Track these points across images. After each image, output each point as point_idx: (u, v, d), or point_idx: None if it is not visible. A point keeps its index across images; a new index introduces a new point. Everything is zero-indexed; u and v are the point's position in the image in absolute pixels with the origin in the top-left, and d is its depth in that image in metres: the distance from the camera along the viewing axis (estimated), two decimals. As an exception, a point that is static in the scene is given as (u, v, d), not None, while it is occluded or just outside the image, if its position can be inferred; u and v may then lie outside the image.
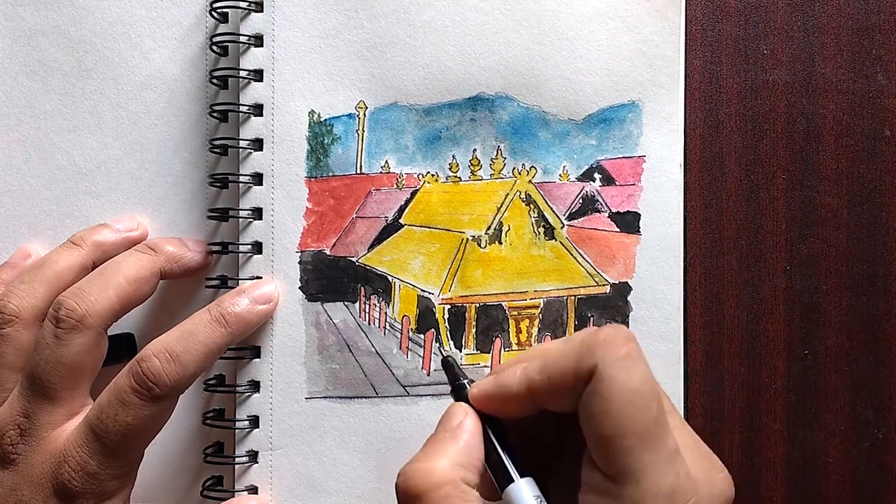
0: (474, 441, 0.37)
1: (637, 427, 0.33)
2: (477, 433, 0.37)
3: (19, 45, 0.47)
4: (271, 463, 0.45)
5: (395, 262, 0.46)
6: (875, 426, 0.47)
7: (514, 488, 0.36)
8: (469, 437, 0.37)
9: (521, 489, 0.36)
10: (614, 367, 0.33)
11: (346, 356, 0.46)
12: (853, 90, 0.47)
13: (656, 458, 0.33)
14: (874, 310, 0.47)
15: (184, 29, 0.47)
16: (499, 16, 0.46)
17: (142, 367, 0.40)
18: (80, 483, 0.39)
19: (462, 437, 0.37)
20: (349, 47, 0.46)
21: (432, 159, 0.46)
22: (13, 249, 0.47)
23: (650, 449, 0.33)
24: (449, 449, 0.36)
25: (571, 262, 0.46)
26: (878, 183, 0.47)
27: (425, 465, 0.35)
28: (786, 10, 0.47)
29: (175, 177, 0.47)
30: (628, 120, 0.46)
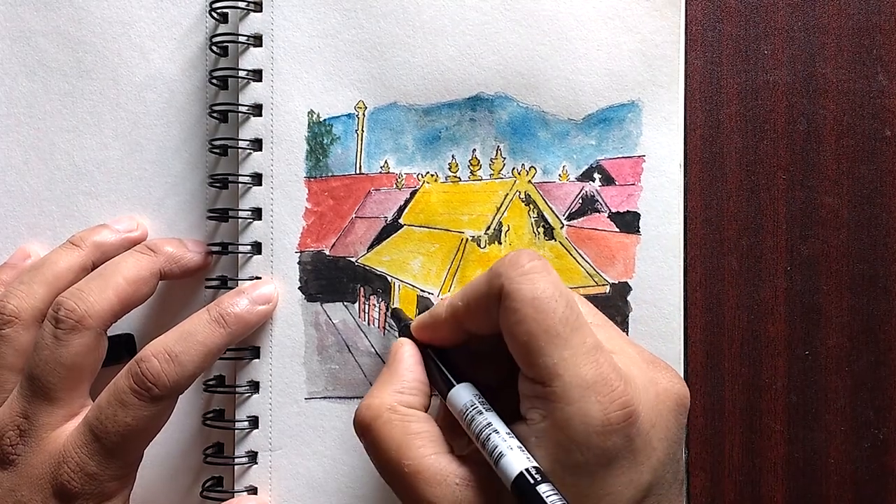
0: (410, 366, 0.40)
1: (545, 327, 0.35)
2: (412, 359, 0.40)
3: (19, 45, 0.47)
4: (271, 463, 0.45)
5: (395, 262, 0.46)
6: (875, 426, 0.47)
7: (451, 395, 0.38)
8: (405, 363, 0.40)
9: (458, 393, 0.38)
10: (516, 282, 0.36)
11: (346, 356, 0.46)
12: (854, 90, 0.47)
13: (572, 353, 0.35)
14: (874, 310, 0.47)
15: (183, 29, 0.47)
16: (498, 16, 0.46)
17: (141, 368, 0.40)
18: (80, 484, 0.39)
19: (399, 366, 0.40)
20: (348, 47, 0.46)
21: (432, 159, 0.46)
22: (13, 250, 0.47)
23: (563, 346, 0.35)
24: (386, 381, 0.39)
25: (571, 262, 0.46)
26: (878, 183, 0.47)
27: (367, 401, 0.38)
28: (786, 10, 0.47)
29: (175, 177, 0.47)
30: (628, 120, 0.46)
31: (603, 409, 0.35)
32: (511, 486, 0.35)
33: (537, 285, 0.36)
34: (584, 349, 0.35)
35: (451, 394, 0.38)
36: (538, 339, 0.35)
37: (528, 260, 0.37)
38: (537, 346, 0.35)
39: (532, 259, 0.37)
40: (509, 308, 0.36)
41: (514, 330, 0.36)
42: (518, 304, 0.36)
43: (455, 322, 0.39)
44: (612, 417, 0.35)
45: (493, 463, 0.35)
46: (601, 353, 0.36)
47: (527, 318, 0.35)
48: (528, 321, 0.35)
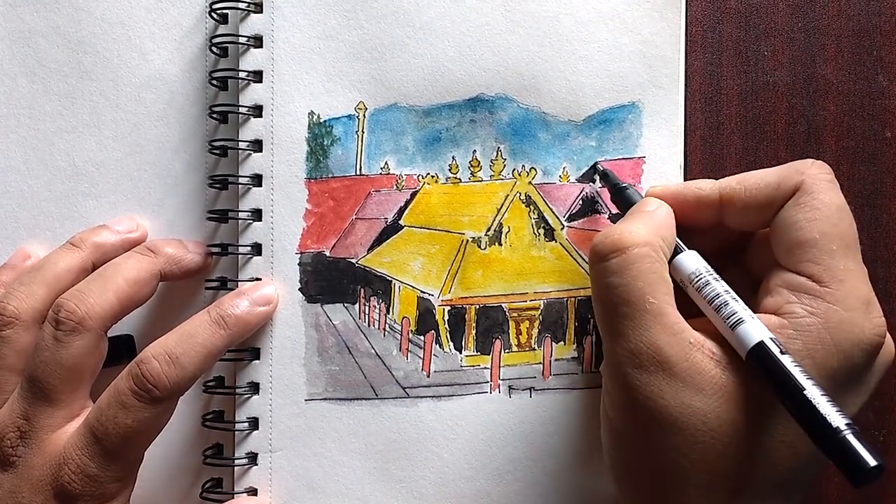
0: (669, 222, 0.40)
1: (844, 234, 0.37)
2: (671, 217, 0.40)
3: (19, 46, 0.47)
4: (271, 465, 0.45)
5: (395, 263, 0.46)
6: (875, 428, 0.47)
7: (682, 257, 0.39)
8: (666, 217, 0.40)
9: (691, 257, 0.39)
10: (822, 184, 0.38)
11: (346, 358, 0.46)
12: (854, 92, 0.47)
13: (856, 268, 0.37)
14: (875, 311, 0.47)
15: (183, 30, 0.47)
16: (499, 17, 0.46)
17: (141, 370, 0.40)
18: (80, 485, 0.39)
19: (658, 215, 0.40)
20: (349, 48, 0.46)
21: (432, 160, 0.46)
22: (12, 250, 0.47)
23: (852, 258, 0.37)
24: (647, 220, 0.39)
25: (571, 263, 0.46)
26: (878, 184, 0.47)
27: (629, 226, 0.38)
28: (786, 11, 0.47)
29: (174, 178, 0.47)
30: (628, 121, 0.46)
31: (871, 328, 0.36)
32: (748, 353, 0.35)
33: (839, 195, 0.38)
34: (863, 269, 0.38)
35: (682, 257, 0.39)
36: (831, 242, 0.37)
37: (831, 172, 0.39)
38: (828, 247, 0.37)
39: (832, 172, 0.39)
40: (808, 204, 0.37)
41: (807, 225, 0.37)
42: (821, 203, 0.37)
43: (718, 205, 0.40)
44: (874, 339, 0.36)
45: (728, 327, 0.36)
46: (869, 283, 0.38)
47: (827, 218, 0.37)
48: (827, 222, 0.37)
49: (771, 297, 0.38)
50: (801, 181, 0.38)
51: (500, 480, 0.46)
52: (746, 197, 0.39)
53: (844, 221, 0.37)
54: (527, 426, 0.46)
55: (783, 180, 0.38)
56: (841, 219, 0.37)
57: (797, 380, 0.34)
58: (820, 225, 0.37)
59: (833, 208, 0.37)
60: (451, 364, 0.46)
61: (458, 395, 0.46)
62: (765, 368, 0.35)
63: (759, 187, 0.39)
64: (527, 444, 0.46)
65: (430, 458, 0.46)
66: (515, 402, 0.46)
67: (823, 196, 0.37)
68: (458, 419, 0.46)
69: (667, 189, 0.42)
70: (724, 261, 0.41)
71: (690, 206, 0.41)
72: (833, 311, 0.36)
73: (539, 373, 0.46)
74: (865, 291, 0.37)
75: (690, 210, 0.41)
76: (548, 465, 0.46)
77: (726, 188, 0.40)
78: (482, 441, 0.46)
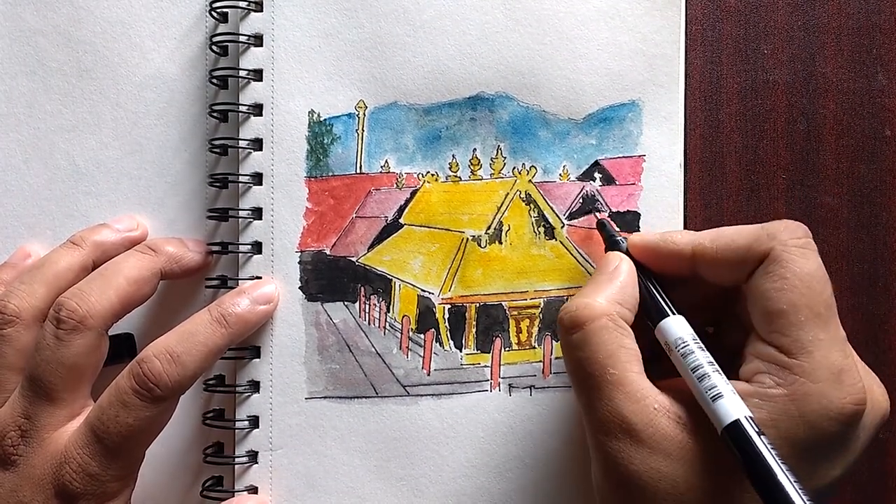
0: (629, 281, 0.40)
1: (812, 304, 0.36)
2: (631, 275, 0.41)
3: (19, 45, 0.47)
4: (271, 463, 0.45)
5: (395, 261, 0.46)
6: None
7: (668, 322, 0.39)
8: (624, 277, 0.40)
9: (677, 322, 0.39)
10: (791, 251, 0.37)
11: (346, 356, 0.46)
12: (854, 90, 0.47)
13: (827, 337, 0.36)
14: (874, 310, 0.47)
15: (183, 29, 0.47)
16: (499, 15, 0.46)
17: (142, 369, 0.40)
18: (81, 484, 0.39)
19: (618, 279, 0.40)
20: (349, 47, 0.46)
21: (432, 159, 0.46)
22: (13, 249, 0.47)
23: (822, 328, 0.36)
24: (606, 287, 0.40)
25: (571, 261, 0.46)
26: (878, 183, 0.47)
27: (585, 300, 0.39)
28: (786, 9, 0.47)
29: (175, 177, 0.47)
30: (628, 119, 0.46)
31: (842, 397, 0.36)
32: (724, 429, 0.35)
33: (811, 261, 0.37)
34: (837, 336, 0.37)
35: (668, 322, 0.39)
36: (799, 313, 0.36)
37: (805, 234, 0.38)
38: (797, 319, 0.36)
39: (808, 234, 0.38)
40: (776, 274, 0.37)
41: (774, 295, 0.37)
42: (789, 273, 0.37)
43: (690, 260, 0.40)
44: (847, 408, 0.36)
45: (706, 400, 0.36)
46: (848, 348, 0.37)
47: (794, 289, 0.36)
48: (795, 293, 0.36)
49: (745, 365, 0.38)
50: (771, 248, 0.37)
51: (501, 478, 0.46)
52: (717, 256, 0.39)
53: (814, 290, 0.37)
54: (527, 424, 0.46)
55: (753, 244, 0.38)
56: (810, 288, 0.37)
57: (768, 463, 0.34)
58: (788, 295, 0.36)
59: (802, 277, 0.37)
60: (452, 362, 0.46)
61: (458, 394, 0.46)
62: (738, 447, 0.35)
63: (730, 248, 0.39)
64: (527, 443, 0.46)
65: (430, 457, 0.46)
66: (515, 400, 0.46)
67: (792, 265, 0.37)
68: (458, 417, 0.46)
69: (644, 240, 0.41)
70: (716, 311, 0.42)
71: (666, 260, 0.41)
72: (800, 384, 0.36)
73: (539, 371, 0.46)
74: (838, 361, 0.36)
75: (667, 263, 0.41)
76: (548, 463, 0.46)
77: (699, 245, 0.39)
78: (482, 439, 0.46)
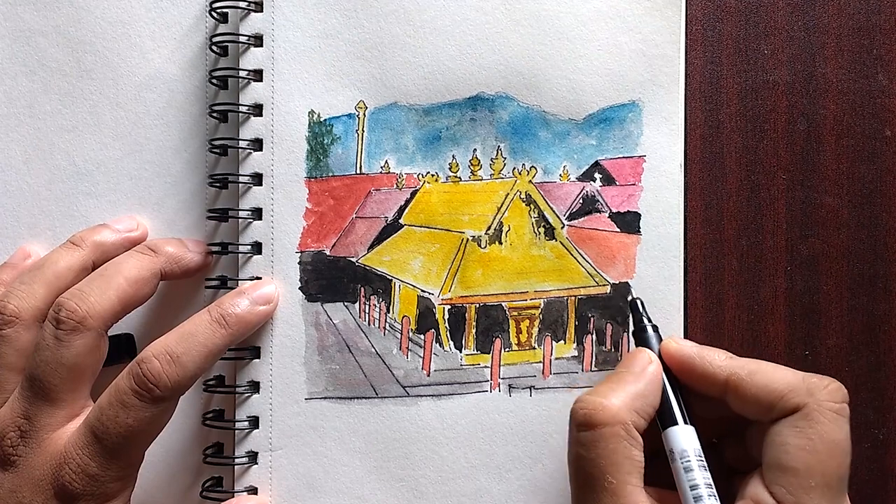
0: (653, 389, 0.40)
1: (827, 472, 0.36)
2: (657, 383, 0.40)
3: (19, 45, 0.47)
4: (271, 463, 0.45)
5: (395, 262, 0.46)
6: (875, 426, 0.47)
7: (677, 431, 0.39)
8: (649, 384, 0.40)
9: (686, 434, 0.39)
10: (825, 415, 0.37)
11: (346, 357, 0.46)
12: (854, 90, 0.47)
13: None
14: (874, 310, 0.47)
15: (183, 29, 0.47)
16: (499, 15, 0.46)
17: (142, 369, 0.40)
18: (81, 485, 0.39)
19: (643, 382, 0.39)
20: (349, 47, 0.46)
21: (432, 159, 0.46)
22: (13, 249, 0.47)
23: (829, 499, 0.36)
24: (628, 389, 0.39)
25: (572, 262, 0.46)
26: (878, 183, 0.47)
27: (602, 401, 0.38)
28: (786, 9, 0.47)
29: (174, 177, 0.47)
30: (628, 120, 0.46)
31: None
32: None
33: (840, 430, 0.37)
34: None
35: (677, 431, 0.39)
36: (811, 478, 0.36)
37: (843, 398, 0.38)
38: (806, 483, 0.36)
39: (846, 398, 0.38)
40: (803, 432, 0.37)
41: (794, 452, 0.36)
42: (815, 435, 0.36)
43: (723, 386, 0.39)
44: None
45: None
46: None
47: (815, 453, 0.36)
48: (815, 456, 0.36)
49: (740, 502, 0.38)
50: (806, 404, 0.37)
51: (500, 479, 0.46)
52: (750, 393, 0.38)
53: (834, 460, 0.36)
54: (527, 425, 0.46)
55: (790, 394, 0.38)
56: (831, 457, 0.36)
57: None
58: (807, 457, 0.36)
59: (827, 443, 0.36)
60: (451, 363, 0.46)
61: (458, 394, 0.46)
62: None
63: (766, 390, 0.38)
64: (527, 443, 0.46)
65: (430, 457, 0.46)
66: (515, 400, 0.46)
67: (821, 427, 0.37)
68: (458, 418, 0.46)
69: (681, 352, 0.41)
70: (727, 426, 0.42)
71: (698, 378, 0.40)
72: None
73: (539, 372, 0.46)
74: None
75: (697, 380, 0.40)
76: (547, 464, 0.46)
77: (735, 376, 0.39)
78: (482, 440, 0.46)
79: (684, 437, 0.39)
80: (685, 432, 0.39)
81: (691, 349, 0.41)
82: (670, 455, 0.39)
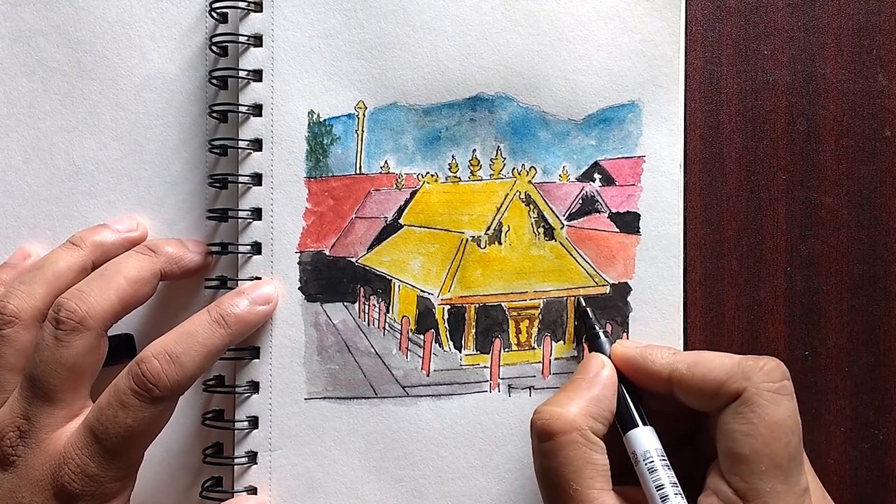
0: (608, 393, 0.40)
1: (774, 454, 0.36)
2: (612, 386, 0.40)
3: (19, 45, 0.47)
4: (270, 463, 0.45)
5: (395, 262, 0.46)
6: (875, 427, 0.47)
7: (637, 433, 0.39)
8: (604, 388, 0.40)
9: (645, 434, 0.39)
10: (763, 396, 0.37)
11: (346, 357, 0.46)
12: (853, 90, 0.47)
13: (786, 489, 0.36)
14: (874, 310, 0.47)
15: (183, 29, 0.47)
16: (498, 16, 0.46)
17: (141, 369, 0.40)
18: (80, 485, 0.39)
19: (597, 388, 0.40)
20: (348, 47, 0.46)
21: (432, 159, 0.46)
22: (13, 250, 0.47)
23: (782, 480, 0.36)
24: (583, 395, 0.40)
25: (571, 262, 0.46)
26: (878, 183, 0.47)
27: (558, 410, 0.39)
28: (786, 10, 0.47)
29: (174, 177, 0.47)
30: (628, 120, 0.46)
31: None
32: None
33: (781, 408, 0.37)
34: (796, 490, 0.37)
35: (637, 433, 0.39)
36: (760, 462, 0.36)
37: (782, 376, 0.38)
38: (757, 467, 0.36)
39: (785, 376, 0.38)
40: (744, 417, 0.37)
41: (740, 438, 0.37)
42: (756, 419, 0.37)
43: (668, 382, 0.40)
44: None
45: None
46: (807, 498, 0.37)
47: (759, 437, 0.36)
48: (759, 440, 0.36)
49: (704, 497, 0.38)
50: (744, 388, 0.37)
51: (500, 479, 0.46)
52: (692, 385, 0.39)
53: (779, 441, 0.36)
54: (526, 425, 0.46)
55: (728, 381, 0.38)
56: (775, 438, 0.36)
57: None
58: (752, 442, 0.36)
59: (769, 425, 0.36)
60: (451, 363, 0.46)
61: (457, 394, 0.46)
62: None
63: (706, 380, 0.38)
64: (526, 443, 0.46)
65: (429, 457, 0.46)
66: (515, 401, 0.46)
67: (761, 411, 0.37)
68: (457, 418, 0.46)
69: (625, 353, 0.41)
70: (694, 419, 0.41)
71: (644, 376, 0.41)
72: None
73: (539, 372, 0.46)
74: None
75: (644, 380, 0.41)
76: (547, 464, 0.46)
77: (676, 371, 0.39)
78: (482, 440, 0.46)
79: (645, 439, 0.39)
80: (644, 433, 0.39)
81: (635, 350, 0.41)
82: (633, 458, 0.39)
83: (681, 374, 0.39)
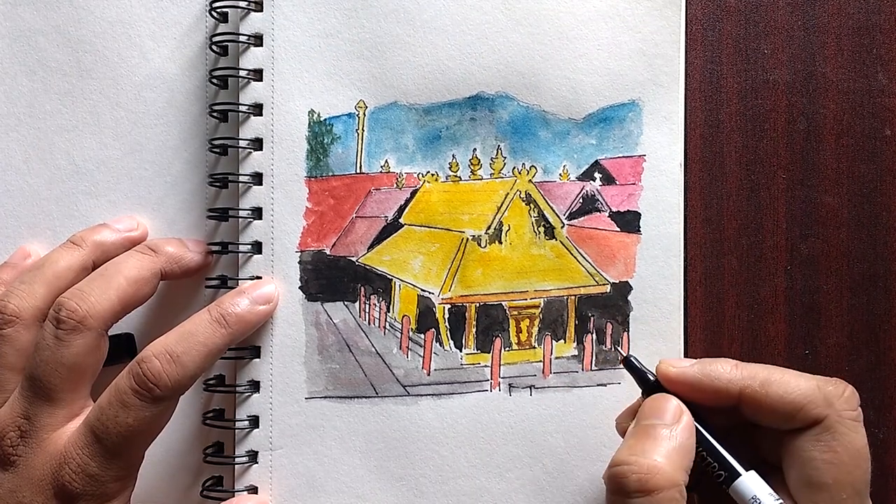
0: (692, 443, 0.38)
1: (855, 482, 0.36)
2: (691, 431, 0.38)
3: (19, 45, 0.47)
4: (271, 463, 0.45)
5: (395, 261, 0.46)
6: (875, 426, 0.47)
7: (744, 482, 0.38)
8: (689, 437, 0.38)
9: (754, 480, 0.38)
10: (847, 425, 0.37)
11: (346, 356, 0.46)
12: (854, 90, 0.47)
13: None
14: (874, 310, 0.47)
15: (183, 29, 0.47)
16: (499, 15, 0.46)
17: (142, 368, 0.39)
18: (81, 485, 0.39)
19: (682, 439, 0.37)
20: (349, 47, 0.46)
21: (432, 159, 0.46)
22: (13, 249, 0.47)
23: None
24: (669, 446, 0.37)
25: (572, 261, 0.46)
26: (878, 182, 0.47)
27: (649, 463, 0.36)
28: (786, 9, 0.47)
29: (175, 176, 0.47)
30: (628, 119, 0.46)
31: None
32: None
33: (860, 436, 0.37)
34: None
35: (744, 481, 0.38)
36: (842, 491, 0.36)
37: (858, 403, 0.38)
38: (839, 497, 0.36)
39: (859, 402, 0.38)
40: (827, 445, 0.37)
41: (821, 467, 0.37)
42: (840, 447, 0.37)
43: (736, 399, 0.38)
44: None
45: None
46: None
47: (842, 465, 0.36)
48: (842, 469, 0.36)
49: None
50: (827, 416, 0.37)
51: (500, 478, 0.46)
52: (767, 405, 0.38)
53: (860, 468, 0.37)
54: (527, 424, 0.46)
55: (808, 406, 0.37)
56: (857, 465, 0.37)
57: None
58: (835, 471, 0.36)
59: (852, 454, 0.37)
60: (452, 362, 0.46)
61: (458, 394, 0.46)
62: None
63: (783, 401, 0.37)
64: (527, 442, 0.46)
65: (430, 456, 0.46)
66: (515, 400, 0.46)
67: (844, 438, 0.37)
68: (458, 417, 0.46)
69: (683, 376, 0.39)
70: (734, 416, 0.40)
71: (709, 396, 0.39)
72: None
73: (539, 371, 0.46)
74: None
75: (709, 398, 0.39)
76: (547, 463, 0.46)
77: (748, 388, 0.38)
78: (482, 439, 0.46)
79: (751, 484, 0.38)
80: (750, 479, 0.38)
81: (692, 369, 0.39)
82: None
83: (753, 391, 0.38)
